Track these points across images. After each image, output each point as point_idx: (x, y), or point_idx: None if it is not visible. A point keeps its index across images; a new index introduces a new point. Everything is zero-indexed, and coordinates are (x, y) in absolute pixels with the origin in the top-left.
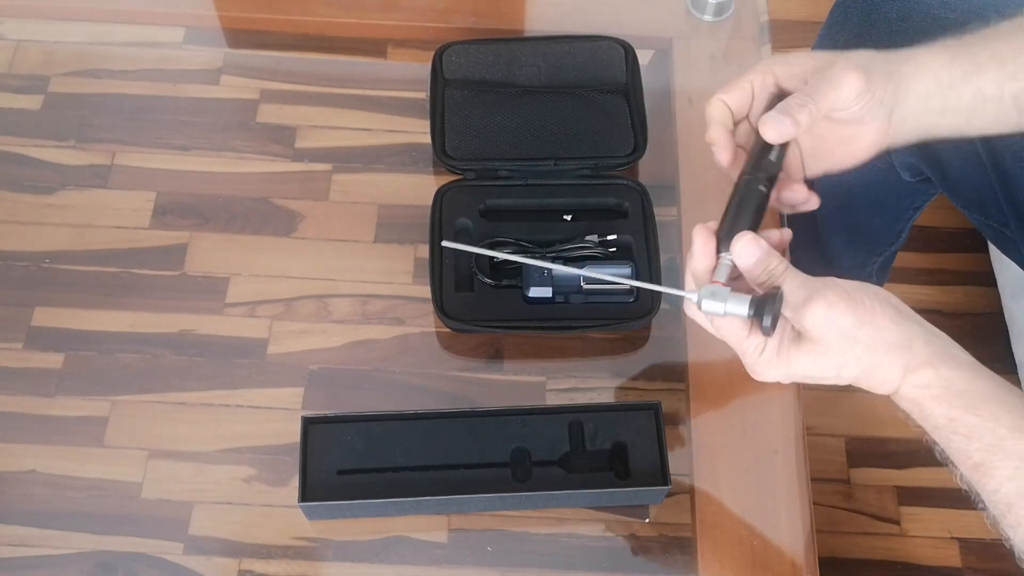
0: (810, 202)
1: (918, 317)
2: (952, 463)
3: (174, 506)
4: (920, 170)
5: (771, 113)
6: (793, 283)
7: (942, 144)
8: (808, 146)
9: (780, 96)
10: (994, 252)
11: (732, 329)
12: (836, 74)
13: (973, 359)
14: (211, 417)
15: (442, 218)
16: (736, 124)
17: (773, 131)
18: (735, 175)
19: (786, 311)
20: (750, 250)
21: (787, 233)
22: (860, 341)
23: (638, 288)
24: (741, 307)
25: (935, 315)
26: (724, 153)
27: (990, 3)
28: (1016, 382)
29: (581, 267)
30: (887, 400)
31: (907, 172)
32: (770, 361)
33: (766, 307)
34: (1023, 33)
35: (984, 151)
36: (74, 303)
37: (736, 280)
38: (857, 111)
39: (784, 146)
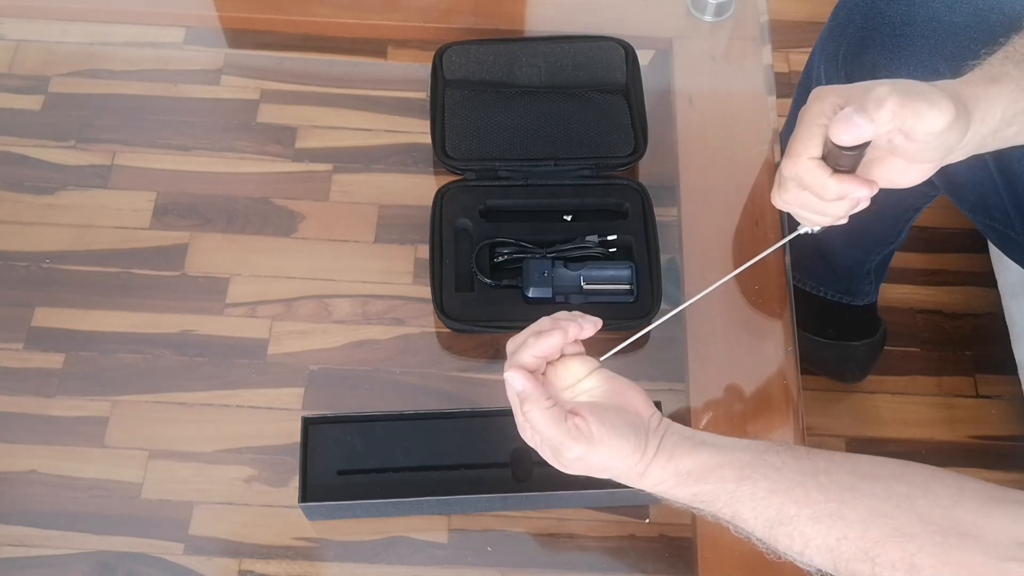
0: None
1: (638, 417)
2: (724, 523)
3: (174, 506)
4: None
5: (845, 111)
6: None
7: None
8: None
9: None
10: (994, 252)
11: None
12: (934, 95)
13: (690, 431)
14: (211, 417)
15: (442, 218)
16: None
17: (846, 132)
18: None
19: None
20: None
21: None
22: (600, 469)
23: (638, 288)
24: None
25: (935, 315)
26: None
27: (994, 5)
28: (1016, 382)
29: (581, 267)
30: (887, 400)
31: None
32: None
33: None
34: None
35: (991, 156)
36: (74, 303)
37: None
38: (927, 146)
39: (858, 154)
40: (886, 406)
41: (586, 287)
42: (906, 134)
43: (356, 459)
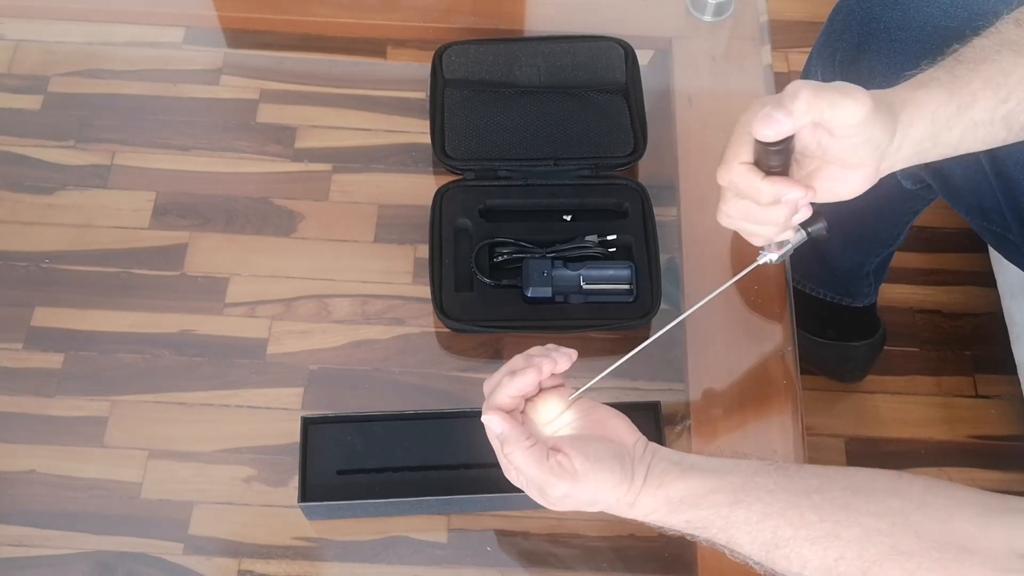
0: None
1: (623, 446)
2: (720, 548)
3: (174, 506)
4: (921, 178)
5: (764, 109)
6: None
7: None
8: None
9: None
10: (994, 252)
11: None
12: (849, 87)
13: (678, 455)
14: (211, 417)
15: (442, 218)
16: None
17: (766, 128)
18: None
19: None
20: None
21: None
22: (588, 503)
23: (637, 288)
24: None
25: (935, 315)
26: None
27: (990, 10)
28: (1016, 382)
29: (580, 267)
30: (887, 400)
31: (908, 180)
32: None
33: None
34: (1007, 51)
35: (987, 160)
36: (74, 303)
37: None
38: (852, 143)
39: (783, 150)
40: (886, 406)
41: (586, 287)
42: (828, 129)
43: (355, 459)
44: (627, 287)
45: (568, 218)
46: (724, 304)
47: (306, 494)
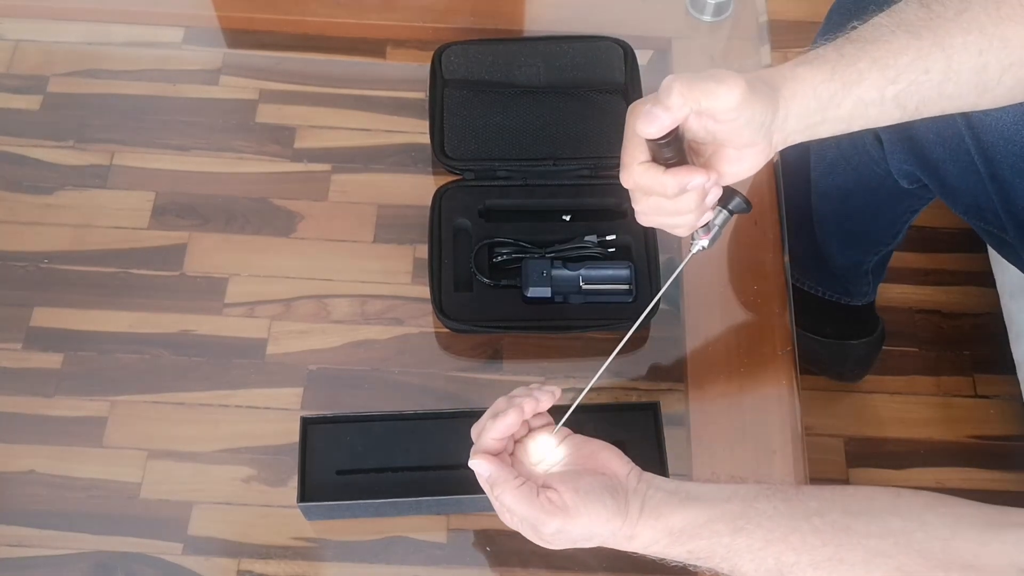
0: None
1: (615, 478)
2: None
3: (173, 506)
4: (918, 177)
5: (645, 108)
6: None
7: (938, 155)
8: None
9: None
10: (993, 253)
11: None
12: (721, 74)
13: (673, 484)
14: (210, 417)
15: (441, 218)
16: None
17: (648, 125)
18: None
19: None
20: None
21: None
22: (584, 539)
23: (636, 288)
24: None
25: (934, 315)
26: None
27: None
28: (1015, 382)
29: (580, 267)
30: (886, 400)
31: (905, 180)
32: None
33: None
34: (901, 32)
35: (981, 162)
36: (73, 303)
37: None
38: (736, 125)
39: (673, 141)
40: (885, 406)
41: (585, 287)
42: (711, 116)
43: (355, 459)
44: (626, 287)
45: (567, 218)
46: (723, 303)
47: (305, 494)
